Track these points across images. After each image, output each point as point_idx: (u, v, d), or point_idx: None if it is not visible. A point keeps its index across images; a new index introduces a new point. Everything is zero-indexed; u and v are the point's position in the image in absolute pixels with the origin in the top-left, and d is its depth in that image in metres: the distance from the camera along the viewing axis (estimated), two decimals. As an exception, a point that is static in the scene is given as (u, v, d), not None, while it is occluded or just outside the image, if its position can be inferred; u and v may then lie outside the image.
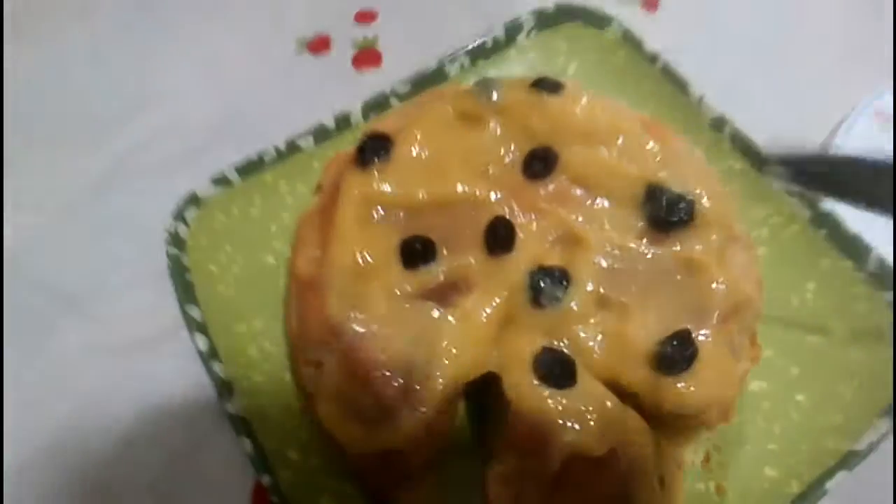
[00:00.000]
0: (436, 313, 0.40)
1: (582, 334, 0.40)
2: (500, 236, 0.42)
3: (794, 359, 0.46)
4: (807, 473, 0.43)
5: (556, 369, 0.38)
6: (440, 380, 0.38)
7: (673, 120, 0.53)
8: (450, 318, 0.40)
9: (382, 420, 0.38)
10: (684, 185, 0.43)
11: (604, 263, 0.42)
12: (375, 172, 0.44)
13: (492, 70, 0.59)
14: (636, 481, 0.38)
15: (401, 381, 0.38)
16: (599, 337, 0.40)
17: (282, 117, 0.61)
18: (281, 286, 0.50)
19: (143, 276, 0.54)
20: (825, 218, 0.49)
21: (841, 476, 0.42)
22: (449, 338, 0.40)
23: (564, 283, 0.40)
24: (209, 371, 0.47)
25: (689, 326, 0.40)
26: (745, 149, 0.53)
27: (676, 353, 0.39)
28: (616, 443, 0.37)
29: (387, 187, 0.44)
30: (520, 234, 0.43)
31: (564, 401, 0.37)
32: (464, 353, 0.39)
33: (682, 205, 0.43)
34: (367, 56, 0.66)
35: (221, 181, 0.54)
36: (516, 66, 0.59)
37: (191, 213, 0.53)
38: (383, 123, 0.48)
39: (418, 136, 0.45)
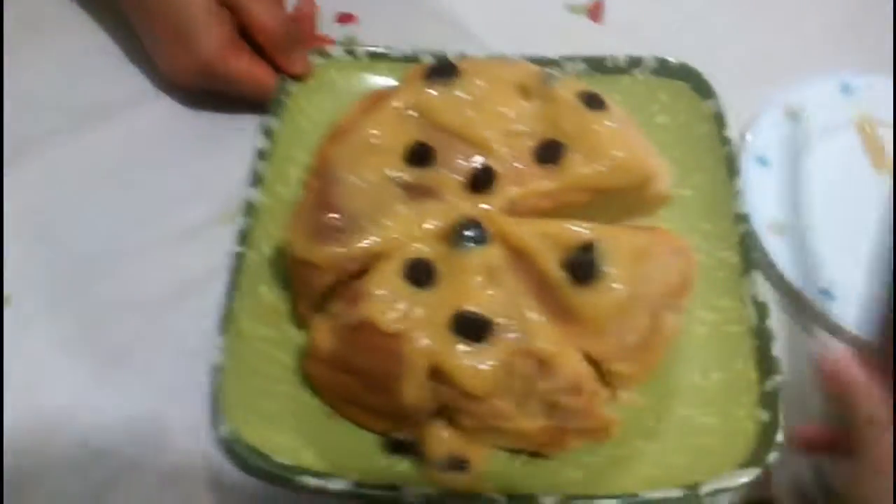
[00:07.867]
0: (401, 207, 0.51)
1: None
2: (482, 179, 0.52)
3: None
4: None
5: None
6: (367, 239, 0.49)
7: (705, 204, 0.60)
8: (408, 208, 0.51)
9: (316, 237, 0.50)
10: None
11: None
12: (434, 89, 0.55)
13: (599, 85, 0.66)
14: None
15: (343, 222, 0.50)
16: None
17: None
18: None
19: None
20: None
21: None
22: (398, 219, 0.50)
23: (481, 240, 0.48)
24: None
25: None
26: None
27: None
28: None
29: (434, 100, 0.54)
30: (500, 186, 0.52)
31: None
32: (399, 235, 0.50)
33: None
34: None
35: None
36: (619, 91, 0.64)
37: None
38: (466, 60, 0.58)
39: (481, 83, 0.55)
